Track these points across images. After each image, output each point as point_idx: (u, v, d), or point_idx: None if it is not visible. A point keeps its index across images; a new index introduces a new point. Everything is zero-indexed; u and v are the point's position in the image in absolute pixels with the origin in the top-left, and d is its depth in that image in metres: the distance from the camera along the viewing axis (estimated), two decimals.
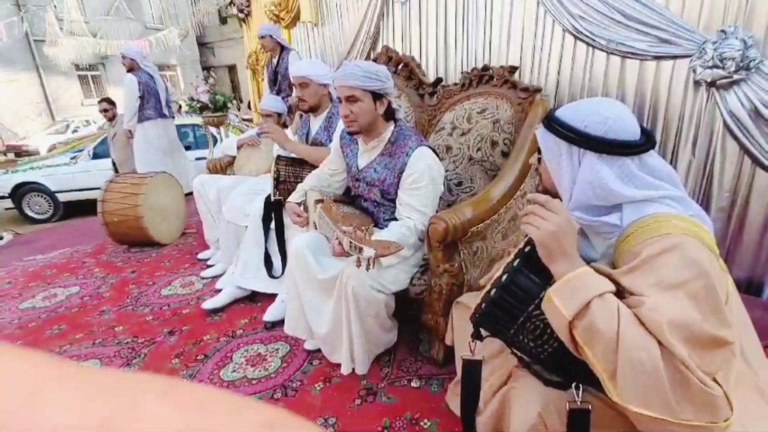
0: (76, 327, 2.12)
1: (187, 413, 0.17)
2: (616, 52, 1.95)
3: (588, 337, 0.71)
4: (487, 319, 0.87)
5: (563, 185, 0.91)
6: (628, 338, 0.68)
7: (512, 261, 0.84)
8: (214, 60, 16.69)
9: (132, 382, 0.18)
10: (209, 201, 2.59)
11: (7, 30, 10.57)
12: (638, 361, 0.67)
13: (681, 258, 0.72)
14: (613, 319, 0.70)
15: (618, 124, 0.83)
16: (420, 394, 1.51)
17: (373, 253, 1.21)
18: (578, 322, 0.72)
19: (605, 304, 0.72)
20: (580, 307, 0.72)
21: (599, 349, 0.70)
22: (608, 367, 0.70)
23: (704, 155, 1.87)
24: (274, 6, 3.59)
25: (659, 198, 0.82)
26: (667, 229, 0.76)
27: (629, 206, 0.84)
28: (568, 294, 0.74)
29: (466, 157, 1.95)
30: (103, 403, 0.17)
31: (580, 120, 0.85)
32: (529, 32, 2.23)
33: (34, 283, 2.68)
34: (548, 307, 0.77)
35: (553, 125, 0.88)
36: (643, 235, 0.77)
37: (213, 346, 1.86)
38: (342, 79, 1.53)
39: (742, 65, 1.65)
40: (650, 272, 0.73)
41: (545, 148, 0.92)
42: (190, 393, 0.19)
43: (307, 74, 2.06)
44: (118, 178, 3.19)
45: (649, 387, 0.67)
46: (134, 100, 3.87)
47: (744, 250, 1.87)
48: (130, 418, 0.17)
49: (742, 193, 1.82)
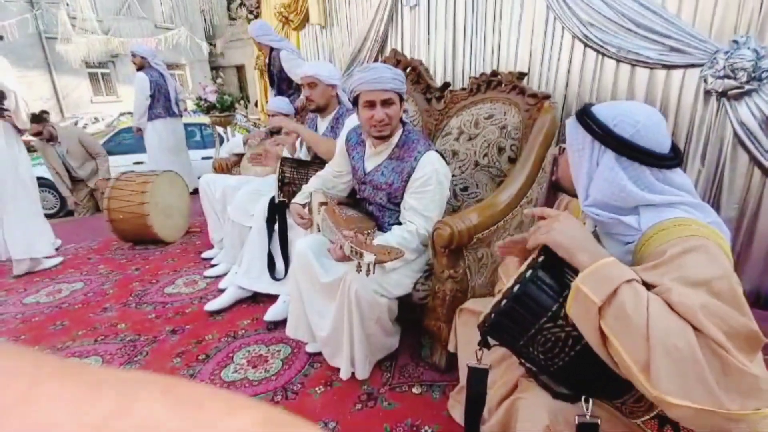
0: (78, 323, 2.12)
1: (185, 411, 0.17)
2: (625, 60, 1.94)
3: (617, 326, 0.68)
4: (496, 329, 0.85)
5: (580, 179, 0.90)
6: (660, 323, 0.65)
7: (524, 271, 0.82)
8: (223, 60, 16.80)
9: (129, 381, 0.18)
10: (214, 200, 2.60)
11: (19, 27, 10.72)
12: (674, 347, 0.63)
13: (705, 257, 0.70)
14: (642, 305, 0.67)
15: (647, 132, 0.82)
16: (421, 401, 1.49)
17: (374, 258, 1.21)
18: (607, 311, 0.69)
19: (633, 290, 0.69)
20: (608, 294, 0.69)
21: (629, 339, 0.67)
22: (640, 357, 0.66)
23: (714, 166, 1.85)
24: (283, 8, 3.60)
25: (678, 204, 0.81)
26: (690, 232, 0.74)
27: (647, 210, 0.83)
28: (596, 282, 0.71)
29: (472, 162, 1.94)
30: (101, 401, 0.17)
31: (612, 118, 0.84)
32: (538, 38, 2.22)
33: (38, 279, 2.70)
34: (576, 300, 0.73)
35: (584, 117, 0.88)
36: (666, 236, 0.76)
37: (215, 346, 1.85)
38: (376, 83, 1.48)
39: (754, 76, 1.63)
40: (674, 269, 0.71)
41: (571, 138, 0.91)
42: (188, 391, 0.19)
43: (316, 74, 2.06)
44: (125, 176, 3.21)
45: (689, 374, 0.63)
46: (144, 98, 3.88)
47: (752, 263, 1.85)
48: (127, 416, 0.16)
49: (751, 204, 1.80)
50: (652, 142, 0.82)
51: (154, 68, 3.93)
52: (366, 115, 1.54)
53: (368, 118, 1.54)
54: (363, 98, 1.52)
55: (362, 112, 1.55)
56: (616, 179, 0.83)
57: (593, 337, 0.72)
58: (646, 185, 0.83)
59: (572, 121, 0.92)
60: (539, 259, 0.83)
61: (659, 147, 0.82)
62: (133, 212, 3.00)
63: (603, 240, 0.93)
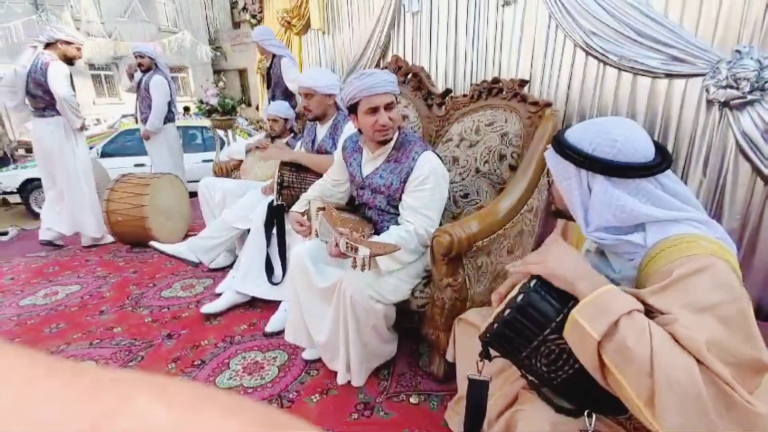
0: (74, 326, 2.11)
1: (181, 412, 0.17)
2: (627, 69, 1.93)
3: (619, 359, 0.66)
4: (498, 340, 0.83)
5: (575, 207, 0.89)
6: (663, 357, 0.63)
7: (528, 281, 0.81)
8: (226, 63, 16.87)
9: (125, 380, 0.18)
10: (214, 203, 2.59)
11: (25, 29, 10.79)
12: (677, 382, 0.62)
13: (713, 280, 0.69)
14: (645, 338, 0.65)
15: (627, 147, 0.80)
16: (418, 411, 1.47)
17: (368, 252, 1.20)
18: (607, 344, 0.67)
19: (634, 322, 0.67)
20: (608, 327, 0.67)
21: (632, 373, 0.65)
22: (644, 392, 0.64)
23: (716, 176, 1.84)
24: (286, 12, 3.61)
25: (684, 219, 0.79)
26: (697, 250, 0.73)
27: (653, 226, 0.81)
28: (594, 314, 0.69)
29: (473, 169, 1.93)
30: (97, 400, 0.17)
31: (588, 142, 0.83)
32: (540, 46, 2.21)
33: (36, 280, 2.68)
34: (573, 330, 0.72)
35: (561, 147, 0.87)
36: (673, 255, 0.74)
37: (210, 352, 1.84)
38: (378, 87, 1.49)
39: (756, 86, 1.62)
40: (682, 293, 0.69)
41: (555, 171, 0.90)
42: (184, 391, 0.19)
43: (312, 85, 2.06)
44: (124, 178, 3.20)
45: (692, 410, 0.61)
46: (166, 101, 3.74)
47: (755, 275, 1.83)
48: (123, 416, 0.16)
49: (753, 215, 1.78)
50: (635, 155, 0.80)
51: (161, 71, 3.85)
52: (369, 121, 1.53)
53: (372, 124, 1.53)
54: (365, 105, 1.51)
55: (364, 118, 1.54)
56: (613, 200, 0.81)
57: (590, 365, 0.70)
58: (647, 198, 0.81)
59: (550, 153, 0.90)
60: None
61: (644, 157, 0.81)
62: (132, 214, 2.99)
63: (609, 257, 0.91)
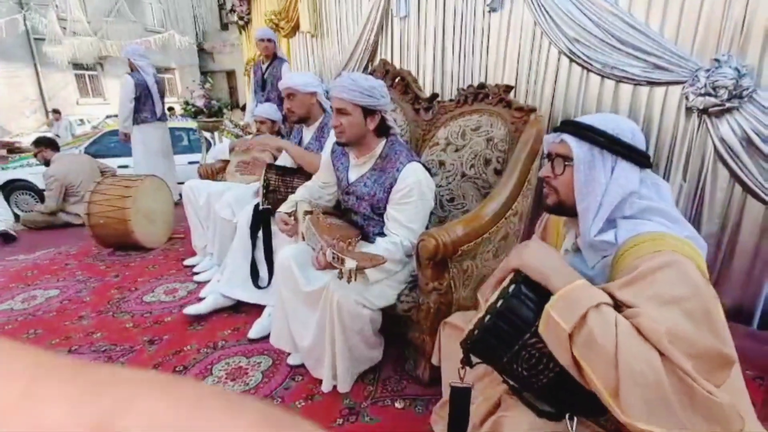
0: (52, 332, 2.05)
1: (184, 409, 0.17)
2: (610, 76, 1.96)
3: (587, 351, 0.69)
4: (479, 346, 0.83)
5: (593, 194, 0.87)
6: (627, 349, 0.66)
7: (507, 286, 0.81)
8: (213, 65, 16.73)
9: (129, 379, 0.18)
10: (198, 206, 2.55)
11: (8, 27, 10.57)
12: (640, 373, 0.64)
13: (678, 275, 0.71)
14: (610, 330, 0.67)
15: (639, 137, 0.88)
16: (404, 416, 1.46)
17: (355, 264, 1.19)
18: (577, 337, 0.70)
19: (601, 314, 0.70)
20: (576, 320, 0.69)
21: (599, 365, 0.67)
22: (610, 383, 0.66)
23: (695, 181, 1.88)
24: (274, 15, 3.60)
25: (656, 217, 0.83)
26: (663, 246, 0.75)
27: (624, 223, 0.84)
28: (565, 308, 0.72)
29: (459, 173, 1.94)
30: (100, 398, 0.17)
31: (611, 128, 0.87)
32: (525, 52, 2.24)
33: (14, 284, 2.61)
34: (548, 325, 0.73)
35: (586, 132, 0.88)
36: (641, 251, 0.77)
37: (193, 357, 1.80)
38: (335, 91, 1.54)
39: (735, 94, 1.67)
40: (647, 286, 0.71)
41: (580, 155, 0.88)
42: (187, 390, 0.19)
43: (292, 85, 2.06)
44: (107, 180, 3.14)
45: (655, 400, 0.64)
46: (129, 101, 3.84)
47: (734, 278, 1.87)
48: (126, 414, 0.16)
49: (732, 219, 1.83)
50: (643, 145, 0.88)
51: (140, 71, 3.86)
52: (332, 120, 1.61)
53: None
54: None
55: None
56: (629, 185, 0.85)
57: (566, 360, 0.72)
58: (651, 189, 0.87)
59: (571, 138, 0.90)
60: (521, 273, 0.82)
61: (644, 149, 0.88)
62: (114, 217, 2.93)
63: (585, 253, 0.93)
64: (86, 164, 4.09)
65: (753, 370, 1.61)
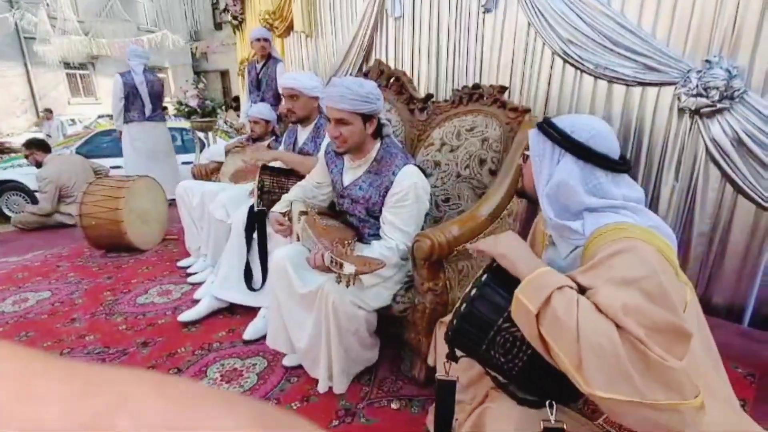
0: (44, 334, 2.03)
1: (179, 408, 0.17)
2: (603, 77, 1.98)
3: (552, 330, 0.74)
4: (459, 336, 0.90)
5: (540, 181, 0.97)
6: (587, 325, 0.71)
7: (480, 276, 0.90)
8: (207, 64, 16.61)
9: (123, 377, 0.18)
10: (192, 207, 2.53)
11: None
12: (598, 345, 0.69)
13: (634, 258, 0.75)
14: (572, 309, 0.73)
15: (601, 138, 0.91)
16: (400, 416, 1.46)
17: (354, 269, 1.19)
18: (542, 317, 0.75)
19: (564, 295, 0.75)
20: (542, 301, 0.75)
21: (563, 340, 0.72)
22: (574, 358, 0.71)
23: (687, 181, 1.89)
24: (268, 15, 3.59)
25: (620, 208, 0.87)
26: (624, 234, 0.80)
27: (589, 215, 0.89)
28: (532, 291, 0.78)
29: (454, 173, 1.94)
30: (94, 397, 0.17)
31: (569, 126, 0.93)
32: (520, 53, 2.25)
33: (4, 287, 2.58)
34: (518, 308, 0.79)
35: (544, 126, 0.97)
36: (604, 240, 0.82)
37: (187, 360, 1.79)
38: (331, 102, 1.48)
39: (726, 95, 1.68)
40: (606, 270, 0.77)
41: (533, 146, 0.99)
42: (181, 388, 0.19)
43: (298, 87, 2.04)
44: (99, 181, 3.11)
45: (613, 370, 0.68)
46: (117, 100, 3.89)
47: (725, 276, 1.89)
48: (121, 413, 0.16)
49: (723, 219, 1.85)
50: (604, 147, 0.90)
51: (131, 71, 3.89)
52: (329, 128, 1.55)
53: (330, 132, 1.56)
54: (327, 112, 1.55)
55: (328, 125, 1.56)
56: (568, 179, 0.91)
57: (536, 342, 0.78)
58: (590, 188, 0.90)
59: (534, 131, 1.00)
60: (493, 265, 0.90)
61: (611, 152, 0.91)
62: (106, 218, 2.90)
63: (556, 242, 1.00)
64: (79, 165, 4.05)
65: (744, 367, 1.63)
